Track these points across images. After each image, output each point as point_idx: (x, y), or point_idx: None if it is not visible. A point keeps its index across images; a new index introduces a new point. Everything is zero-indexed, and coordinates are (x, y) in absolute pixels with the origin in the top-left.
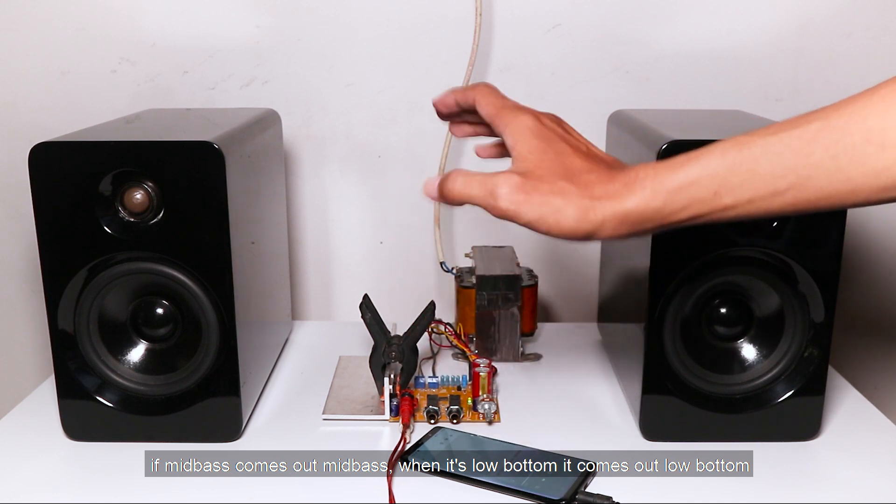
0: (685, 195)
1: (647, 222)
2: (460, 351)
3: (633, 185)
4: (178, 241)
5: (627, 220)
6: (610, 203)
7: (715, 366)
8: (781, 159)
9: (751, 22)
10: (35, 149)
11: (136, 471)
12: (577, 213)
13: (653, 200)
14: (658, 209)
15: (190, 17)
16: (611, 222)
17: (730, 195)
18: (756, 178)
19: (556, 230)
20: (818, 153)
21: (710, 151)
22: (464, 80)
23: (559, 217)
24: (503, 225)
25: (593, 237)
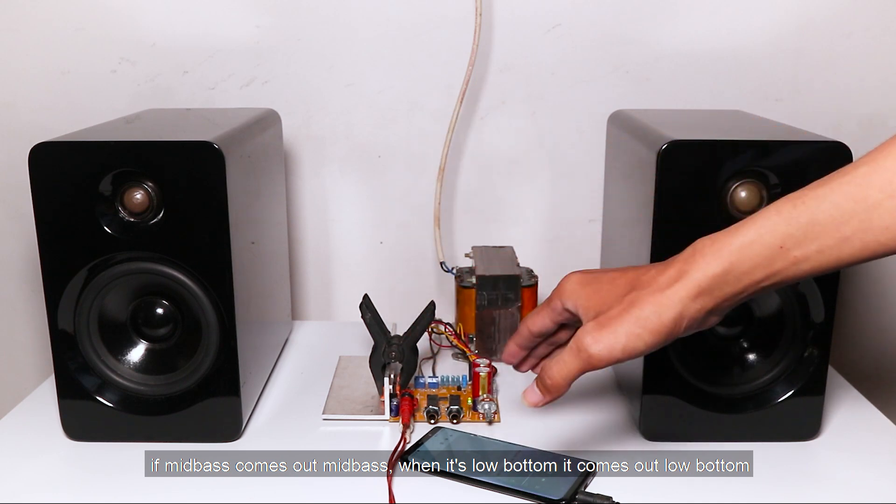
0: (749, 254)
1: (721, 288)
2: (460, 351)
3: (694, 257)
4: (178, 241)
5: (702, 291)
6: (678, 283)
7: (715, 366)
8: (838, 206)
9: (751, 22)
10: (35, 149)
11: (136, 471)
12: (655, 309)
13: (717, 265)
14: (726, 272)
15: (190, 17)
16: (688, 300)
17: (797, 248)
18: (818, 227)
19: (650, 336)
20: (874, 195)
21: (765, 212)
22: (464, 80)
23: (643, 323)
24: (503, 225)
25: (682, 323)
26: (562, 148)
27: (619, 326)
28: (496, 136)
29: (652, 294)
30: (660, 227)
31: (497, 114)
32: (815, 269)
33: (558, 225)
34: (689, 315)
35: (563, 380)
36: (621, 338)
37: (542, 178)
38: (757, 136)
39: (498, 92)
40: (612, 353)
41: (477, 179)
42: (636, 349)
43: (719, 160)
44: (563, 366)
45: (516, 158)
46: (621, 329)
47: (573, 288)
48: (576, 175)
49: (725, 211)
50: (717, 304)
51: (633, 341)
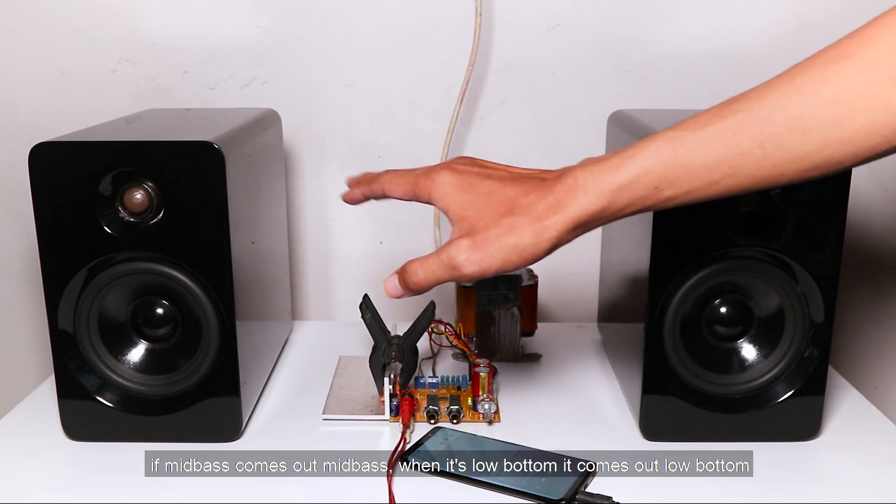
0: (627, 194)
1: (596, 221)
2: (460, 351)
3: (574, 190)
4: (178, 241)
5: (578, 224)
6: (557, 215)
7: (715, 366)
8: (713, 151)
9: (751, 22)
10: (35, 149)
11: (136, 471)
12: (532, 238)
13: (597, 202)
14: (603, 208)
15: (190, 17)
16: (564, 233)
17: (669, 188)
18: (691, 171)
19: (523, 262)
20: (745, 143)
21: (644, 149)
22: (464, 80)
23: (520, 251)
24: None
25: (553, 249)
26: (562, 148)
27: (496, 252)
28: (496, 136)
29: (531, 223)
30: (660, 227)
31: (497, 114)
32: (680, 205)
33: None
34: (562, 243)
35: (426, 281)
36: (496, 262)
37: None
38: None
39: (498, 92)
40: (483, 270)
41: None
42: (508, 270)
43: None
44: (431, 273)
45: (516, 158)
46: (497, 254)
47: (447, 190)
48: None
49: (725, 211)
50: (588, 230)
51: (507, 266)
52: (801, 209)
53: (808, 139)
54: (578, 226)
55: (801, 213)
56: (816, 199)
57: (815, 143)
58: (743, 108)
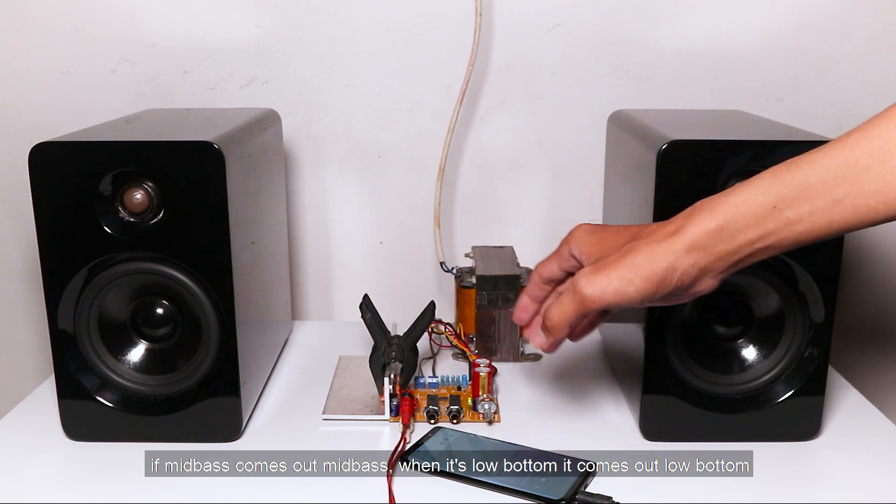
0: (743, 212)
1: (715, 245)
2: (460, 351)
3: (692, 215)
4: (178, 241)
5: (695, 246)
6: (675, 237)
7: (715, 366)
8: (830, 169)
9: (751, 22)
10: (35, 149)
11: (136, 471)
12: (649, 258)
13: (711, 220)
14: (721, 228)
15: (190, 17)
16: (681, 254)
17: (789, 209)
18: (810, 189)
19: (641, 283)
20: (864, 159)
21: (761, 175)
22: (464, 80)
23: (637, 270)
24: (503, 225)
25: (674, 276)
26: (562, 148)
27: (613, 271)
28: (496, 136)
29: (648, 244)
30: None
31: (497, 114)
32: (808, 232)
33: (558, 225)
34: (681, 268)
35: (560, 320)
36: (614, 281)
37: (541, 178)
38: (757, 136)
39: (498, 92)
40: (604, 296)
41: (477, 179)
42: (626, 293)
43: (719, 160)
44: (561, 307)
45: (516, 158)
46: (614, 273)
47: (580, 235)
48: (576, 175)
49: None
50: (710, 262)
51: (625, 285)
52: None
53: None
54: (695, 247)
55: None
56: None
57: None
58: (859, 129)
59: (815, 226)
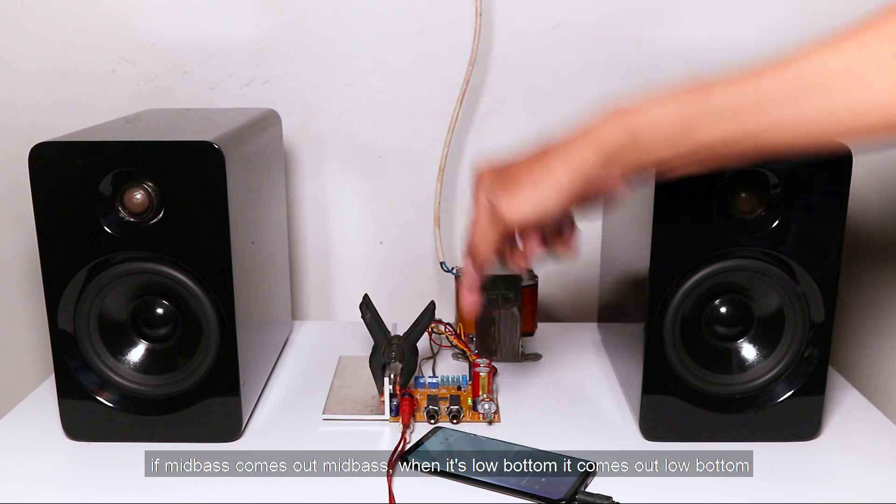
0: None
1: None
2: (460, 351)
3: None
4: (178, 241)
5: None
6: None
7: (715, 366)
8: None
9: (751, 22)
10: (35, 149)
11: (136, 471)
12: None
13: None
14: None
15: (190, 17)
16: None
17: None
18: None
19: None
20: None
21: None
22: (464, 80)
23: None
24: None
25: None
26: None
27: (530, 186)
28: (496, 136)
29: (560, 155)
30: (660, 227)
31: (497, 114)
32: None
33: None
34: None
35: (484, 245)
36: (532, 196)
37: None
38: None
39: (498, 92)
40: (525, 211)
41: None
42: (546, 206)
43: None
44: (482, 231)
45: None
46: (531, 188)
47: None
48: None
49: (725, 211)
50: (623, 170)
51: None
52: (801, 209)
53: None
54: (608, 157)
55: (801, 213)
56: (817, 200)
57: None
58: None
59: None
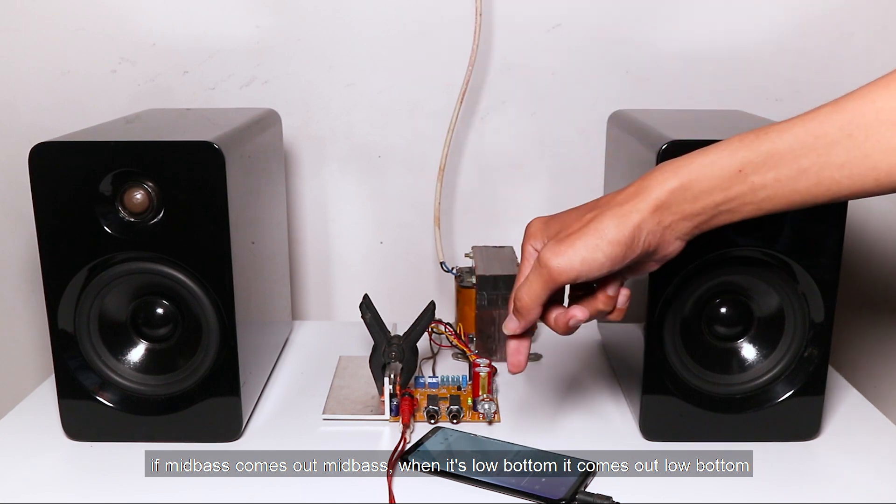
0: (708, 173)
1: (679, 204)
2: (460, 351)
3: (653, 174)
4: (178, 241)
5: (660, 205)
6: (638, 199)
7: (715, 366)
8: (798, 139)
9: (751, 22)
10: (35, 149)
11: (136, 471)
12: (614, 221)
13: (676, 181)
14: (684, 188)
15: (190, 17)
16: (646, 213)
17: (755, 174)
18: (777, 156)
19: (608, 247)
20: (833, 132)
21: (727, 140)
22: (464, 80)
23: (603, 234)
24: (503, 225)
25: (641, 235)
26: (562, 148)
27: (578, 239)
28: (496, 136)
29: (611, 209)
30: None
31: (497, 114)
32: (771, 199)
33: None
34: (646, 227)
35: (530, 299)
36: (580, 250)
37: (542, 178)
38: None
39: (498, 92)
40: (572, 265)
41: (477, 179)
42: (595, 260)
43: None
44: (528, 285)
45: (516, 158)
46: (580, 241)
47: (536, 227)
48: (576, 175)
49: None
50: (674, 221)
51: (592, 252)
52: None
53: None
54: (659, 206)
55: (801, 213)
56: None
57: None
58: (832, 104)
59: (779, 193)
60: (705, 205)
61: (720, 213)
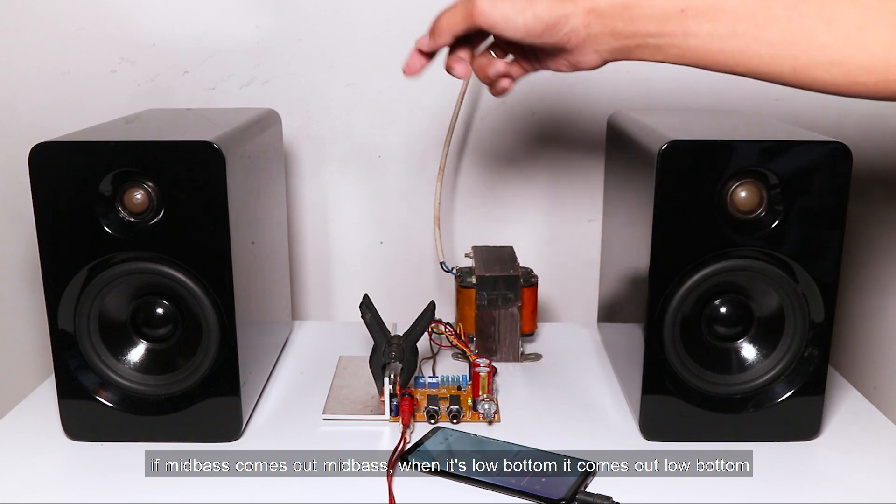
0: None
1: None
2: (460, 351)
3: None
4: (178, 241)
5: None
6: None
7: (715, 366)
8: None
9: None
10: (35, 149)
11: (136, 471)
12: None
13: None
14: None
15: (190, 17)
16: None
17: (694, 20)
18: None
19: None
20: (777, 10)
21: None
22: (464, 81)
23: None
24: (503, 225)
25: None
26: (562, 148)
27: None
28: (496, 136)
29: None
30: (660, 227)
31: (497, 114)
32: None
33: (558, 225)
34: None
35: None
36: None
37: (542, 178)
38: (757, 136)
39: None
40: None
41: (477, 179)
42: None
43: (719, 160)
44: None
45: (516, 158)
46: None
47: None
48: (576, 175)
49: (725, 211)
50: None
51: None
52: (801, 209)
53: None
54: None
55: (801, 213)
56: (817, 200)
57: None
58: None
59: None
60: (636, 30)
61: (647, 45)
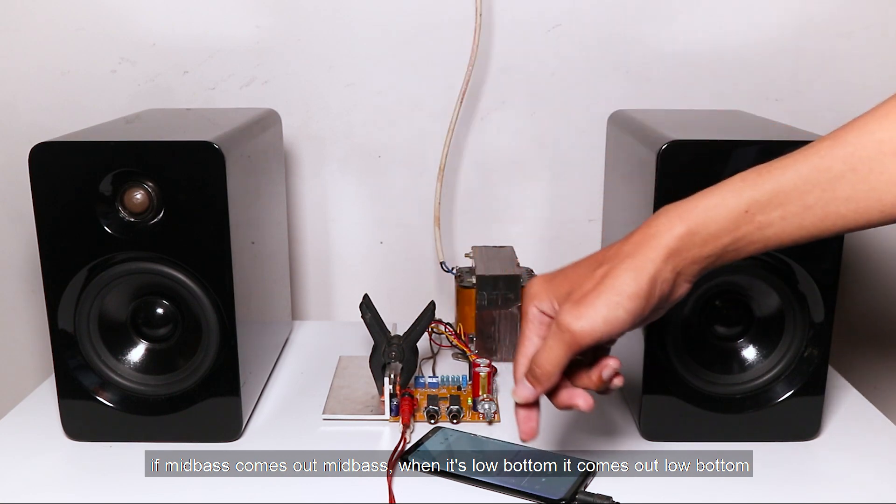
0: (714, 216)
1: (689, 249)
2: (460, 351)
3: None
4: (178, 241)
5: (671, 253)
6: (648, 247)
7: (715, 366)
8: (802, 175)
9: (751, 22)
10: (35, 149)
11: (136, 471)
12: (631, 274)
13: (683, 227)
14: (692, 233)
15: (190, 17)
16: (659, 262)
17: (761, 213)
18: (782, 194)
19: (629, 302)
20: (837, 166)
21: (731, 179)
22: (464, 81)
23: (621, 290)
24: (503, 225)
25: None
26: (562, 148)
27: (597, 298)
28: (496, 136)
29: (622, 261)
30: None
31: (497, 114)
32: (778, 236)
33: (558, 225)
34: (662, 276)
35: (551, 366)
36: (601, 309)
37: (542, 178)
38: (757, 136)
39: (498, 92)
40: (595, 326)
41: (477, 179)
42: (618, 318)
43: (719, 160)
44: (549, 351)
45: (516, 158)
46: (599, 301)
47: (540, 287)
48: (576, 175)
49: None
50: (685, 266)
51: (614, 310)
52: None
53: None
54: (671, 253)
55: None
56: None
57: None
58: (832, 136)
59: (786, 230)
60: (714, 248)
61: (728, 252)
